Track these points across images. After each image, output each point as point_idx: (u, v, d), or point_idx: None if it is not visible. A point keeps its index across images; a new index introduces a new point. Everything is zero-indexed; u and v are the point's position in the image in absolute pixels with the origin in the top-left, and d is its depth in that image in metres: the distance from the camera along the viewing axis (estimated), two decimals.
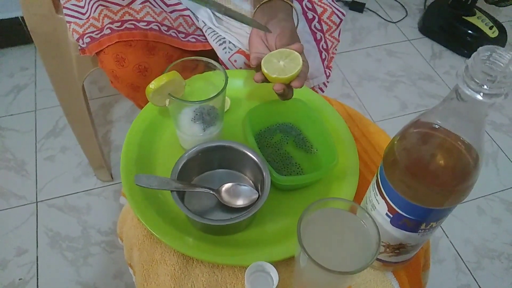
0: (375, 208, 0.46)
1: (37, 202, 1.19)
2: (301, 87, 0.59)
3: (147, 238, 0.56)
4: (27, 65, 1.53)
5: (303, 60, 0.58)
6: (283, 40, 0.62)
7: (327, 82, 0.86)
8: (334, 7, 0.79)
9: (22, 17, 1.50)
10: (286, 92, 0.60)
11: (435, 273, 1.12)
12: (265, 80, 0.61)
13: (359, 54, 1.68)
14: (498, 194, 1.29)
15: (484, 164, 1.36)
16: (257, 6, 0.67)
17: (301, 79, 0.59)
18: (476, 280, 1.12)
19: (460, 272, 1.13)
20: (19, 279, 1.06)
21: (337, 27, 0.82)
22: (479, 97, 0.33)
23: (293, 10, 0.69)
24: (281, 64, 0.59)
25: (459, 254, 1.16)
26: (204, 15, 0.72)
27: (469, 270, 1.13)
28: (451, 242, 1.18)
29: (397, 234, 0.46)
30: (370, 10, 1.85)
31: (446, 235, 1.19)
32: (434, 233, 0.47)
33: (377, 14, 1.84)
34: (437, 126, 0.39)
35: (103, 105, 1.43)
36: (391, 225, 0.45)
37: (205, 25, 0.71)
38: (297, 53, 0.59)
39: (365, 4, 1.83)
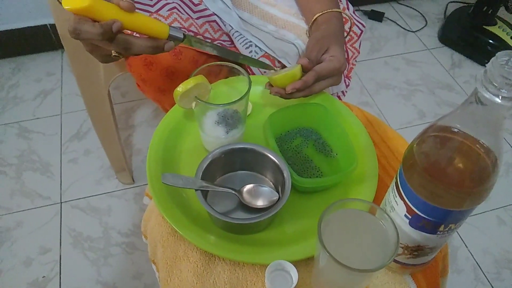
0: (394, 209, 0.47)
1: (61, 202, 1.23)
2: (291, 91, 0.62)
3: (171, 235, 0.58)
4: (53, 71, 1.58)
5: (303, 71, 0.63)
6: (307, 51, 0.67)
7: (346, 91, 0.88)
8: (354, 18, 0.81)
9: (50, 24, 1.56)
10: (286, 96, 0.64)
11: (453, 283, 1.11)
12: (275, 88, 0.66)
13: (377, 62, 1.69)
14: None
15: (505, 174, 1.35)
16: (312, 21, 0.73)
17: (295, 84, 0.62)
18: None
19: (479, 282, 1.12)
20: (43, 277, 1.09)
21: (358, 38, 0.84)
22: (498, 100, 0.34)
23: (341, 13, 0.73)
24: (283, 72, 0.64)
25: (478, 265, 1.15)
26: (231, 19, 0.74)
27: (488, 281, 1.12)
28: (470, 252, 1.17)
29: (416, 235, 0.47)
30: (389, 20, 1.86)
31: (465, 245, 1.18)
32: (452, 236, 0.48)
33: (396, 24, 1.85)
34: (455, 130, 0.40)
35: (125, 110, 1.47)
36: (410, 226, 0.46)
37: (232, 28, 0.74)
38: (298, 64, 0.63)
39: (384, 13, 1.84)
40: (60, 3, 0.60)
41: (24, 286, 1.07)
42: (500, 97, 0.34)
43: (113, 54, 0.54)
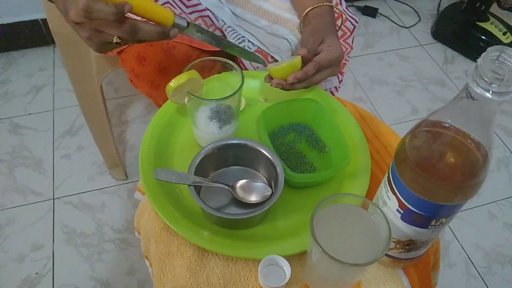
0: (386, 204, 0.48)
1: (53, 199, 1.22)
2: (292, 81, 0.62)
3: (164, 231, 0.58)
4: (45, 66, 1.57)
5: (302, 61, 0.63)
6: (303, 42, 0.67)
7: (339, 86, 0.88)
8: (347, 14, 0.81)
9: (42, 19, 1.54)
10: (287, 87, 0.63)
11: (445, 277, 1.13)
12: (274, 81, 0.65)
13: (371, 58, 1.69)
14: (510, 199, 1.29)
15: (496, 169, 1.36)
16: (304, 14, 0.72)
17: (297, 74, 0.62)
18: (486, 285, 1.11)
19: (470, 276, 1.13)
20: (36, 273, 1.08)
21: (351, 34, 0.84)
22: (488, 95, 0.34)
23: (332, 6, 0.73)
24: (283, 63, 0.63)
25: (470, 259, 1.16)
26: (224, 14, 0.74)
27: (479, 275, 1.13)
28: (462, 246, 1.18)
29: (408, 230, 0.47)
30: (383, 15, 1.86)
31: (457, 239, 1.19)
32: (444, 230, 0.48)
33: (390, 19, 1.85)
34: (447, 125, 0.40)
35: (118, 105, 1.46)
36: (402, 221, 0.47)
37: (225, 23, 0.74)
38: (298, 56, 0.63)
39: (378, 9, 1.85)
40: (51, 1, 0.58)
41: (17, 283, 1.07)
42: (490, 92, 0.34)
43: (115, 41, 0.51)
